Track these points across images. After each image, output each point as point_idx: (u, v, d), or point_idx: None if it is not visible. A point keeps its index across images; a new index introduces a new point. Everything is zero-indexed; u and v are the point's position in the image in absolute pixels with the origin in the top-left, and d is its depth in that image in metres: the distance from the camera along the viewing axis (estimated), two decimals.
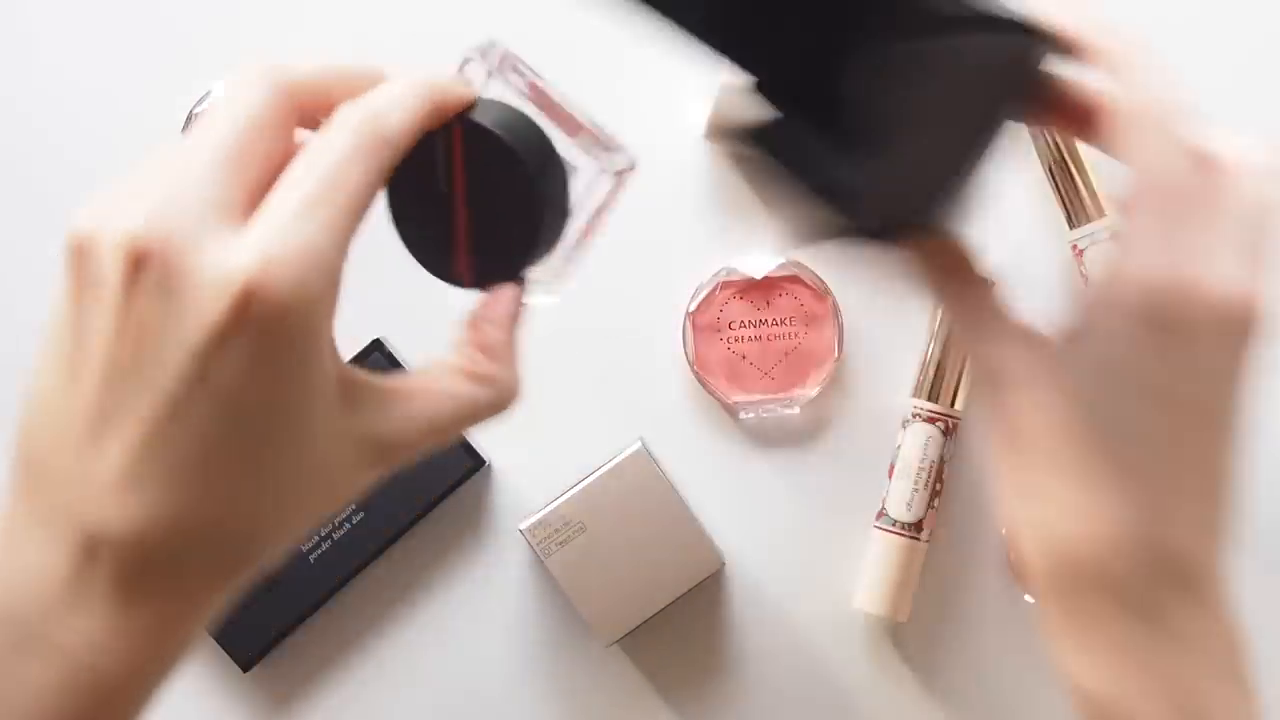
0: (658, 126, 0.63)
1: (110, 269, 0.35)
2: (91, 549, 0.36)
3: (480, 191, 0.45)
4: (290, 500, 0.38)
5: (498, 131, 0.44)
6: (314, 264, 0.35)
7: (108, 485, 0.35)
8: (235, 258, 0.34)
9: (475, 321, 0.44)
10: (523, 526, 0.59)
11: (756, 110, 0.37)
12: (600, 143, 0.48)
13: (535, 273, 0.44)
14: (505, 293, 0.45)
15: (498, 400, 0.44)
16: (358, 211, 0.37)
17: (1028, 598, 0.62)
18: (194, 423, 0.35)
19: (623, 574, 0.59)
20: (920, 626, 0.64)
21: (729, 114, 0.60)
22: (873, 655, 0.64)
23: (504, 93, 0.47)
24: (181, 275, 0.35)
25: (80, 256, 0.36)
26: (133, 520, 0.35)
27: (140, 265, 0.35)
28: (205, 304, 0.34)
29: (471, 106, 0.43)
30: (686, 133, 0.63)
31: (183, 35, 0.64)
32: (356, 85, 0.40)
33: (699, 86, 0.63)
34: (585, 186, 0.47)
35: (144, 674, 0.37)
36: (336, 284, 0.37)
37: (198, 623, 0.38)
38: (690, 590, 0.59)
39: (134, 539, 0.35)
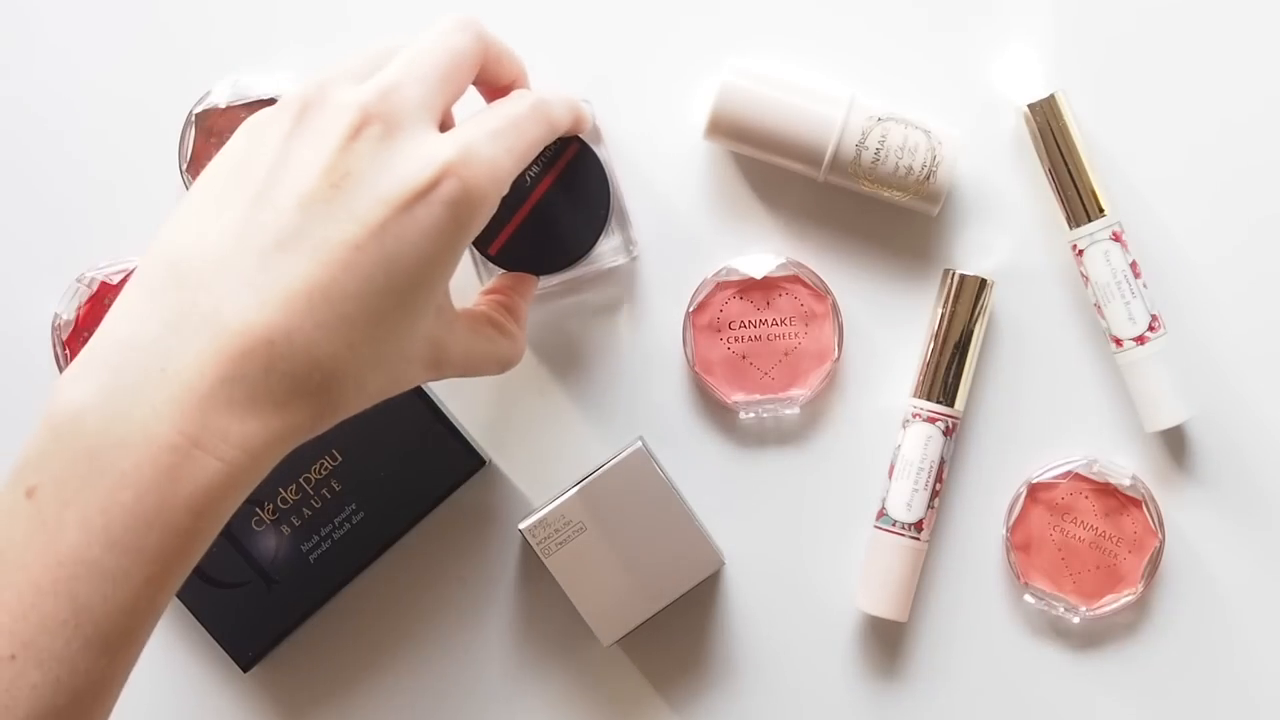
0: (658, 126, 0.63)
1: (339, 120, 0.42)
2: (226, 343, 0.39)
3: (556, 198, 0.57)
4: (387, 365, 0.44)
5: (606, 170, 0.58)
6: (493, 171, 0.44)
7: (265, 295, 0.40)
8: (442, 143, 0.43)
9: (503, 288, 0.55)
10: (523, 526, 0.59)
11: None
12: (629, 231, 0.60)
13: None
14: (529, 276, 0.56)
15: (512, 356, 0.52)
16: (524, 156, 0.47)
17: (1028, 598, 0.62)
18: (362, 263, 0.40)
19: (623, 574, 0.59)
20: (920, 626, 0.64)
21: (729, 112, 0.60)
22: (873, 655, 0.64)
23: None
24: (398, 141, 0.42)
25: (307, 107, 0.42)
26: (273, 327, 0.39)
27: (367, 122, 0.42)
28: (410, 166, 0.42)
29: (595, 136, 0.58)
30: (686, 133, 0.63)
31: (183, 35, 0.64)
32: (516, 65, 0.51)
33: (699, 86, 0.63)
34: (610, 250, 0.60)
35: (237, 486, 0.40)
36: (500, 197, 0.45)
37: (274, 459, 0.42)
38: (690, 590, 0.59)
39: (266, 344, 0.39)
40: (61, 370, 0.62)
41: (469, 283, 0.61)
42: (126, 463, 0.39)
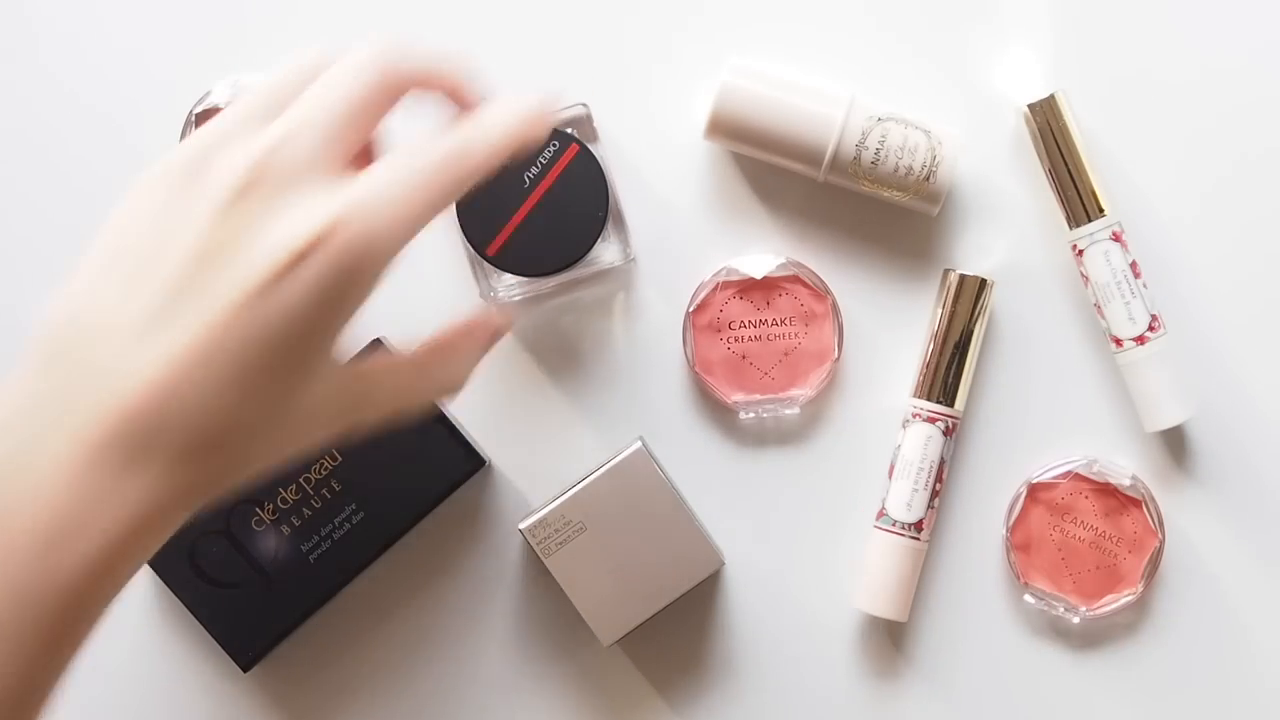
0: (658, 126, 0.63)
1: (225, 180, 0.40)
2: (113, 404, 0.39)
3: (554, 199, 0.58)
4: (286, 424, 0.42)
5: (604, 172, 0.58)
6: (385, 228, 0.41)
7: (150, 356, 0.39)
8: (329, 200, 0.40)
9: (456, 329, 0.49)
10: (523, 526, 0.59)
11: None
12: (627, 232, 0.60)
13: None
14: (490, 323, 0.50)
15: (432, 390, 0.49)
16: (432, 206, 0.42)
17: (1028, 598, 0.62)
18: (242, 326, 0.39)
19: (623, 573, 0.59)
20: (920, 626, 0.64)
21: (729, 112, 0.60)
22: (873, 655, 0.64)
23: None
24: (282, 201, 0.40)
25: (191, 171, 0.41)
26: (158, 386, 0.39)
27: (253, 185, 0.40)
28: (289, 229, 0.40)
29: (593, 137, 0.58)
30: (686, 133, 0.63)
31: (183, 35, 0.64)
32: (452, 77, 0.46)
33: (699, 86, 0.63)
34: (608, 251, 0.60)
35: (122, 551, 0.39)
36: (398, 252, 0.42)
37: (171, 524, 0.41)
38: (690, 590, 0.59)
39: (154, 403, 0.39)
40: None
41: (469, 284, 0.61)
42: (4, 534, 0.38)
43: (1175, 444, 0.63)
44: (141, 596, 0.63)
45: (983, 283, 0.61)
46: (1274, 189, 0.64)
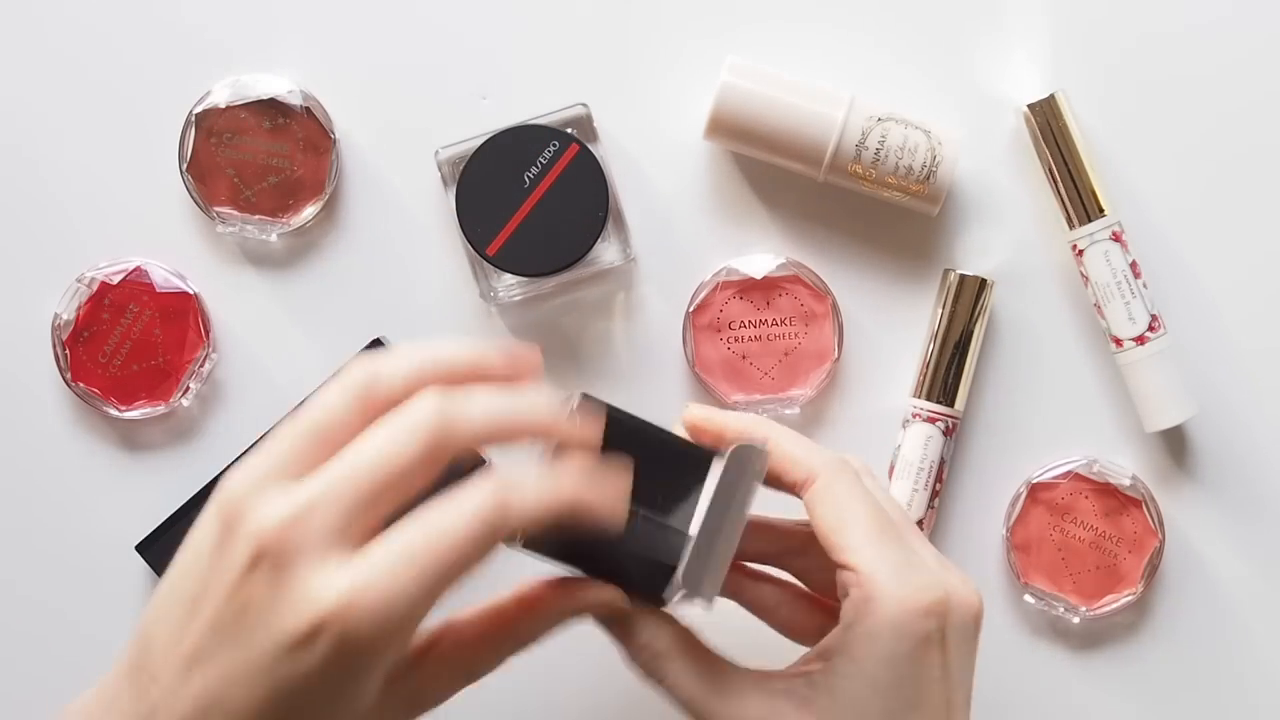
0: (658, 126, 0.63)
1: (240, 550, 0.41)
2: None
3: (554, 200, 0.58)
4: None
5: (604, 173, 0.58)
6: (391, 612, 0.40)
7: (185, 704, 0.42)
8: (330, 585, 0.40)
9: (492, 613, 0.49)
10: None
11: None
12: (627, 232, 0.60)
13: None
14: (543, 600, 0.50)
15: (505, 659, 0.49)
16: (455, 576, 0.42)
17: (1028, 598, 0.62)
18: (254, 692, 0.41)
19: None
20: None
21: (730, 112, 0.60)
22: None
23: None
24: (287, 582, 0.41)
25: (225, 525, 0.42)
26: None
27: (259, 560, 0.41)
28: (294, 612, 0.41)
29: (593, 137, 0.59)
30: (686, 133, 0.63)
31: (183, 35, 0.64)
32: (452, 375, 0.44)
33: (699, 86, 0.63)
34: (608, 251, 0.60)
35: None
36: (411, 629, 0.42)
37: None
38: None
39: None
40: (61, 370, 0.62)
41: (469, 285, 0.61)
42: None
43: (1175, 444, 0.63)
44: (141, 596, 0.63)
45: (983, 283, 0.61)
46: (1274, 189, 0.64)
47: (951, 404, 0.61)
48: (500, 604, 0.49)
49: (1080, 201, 0.61)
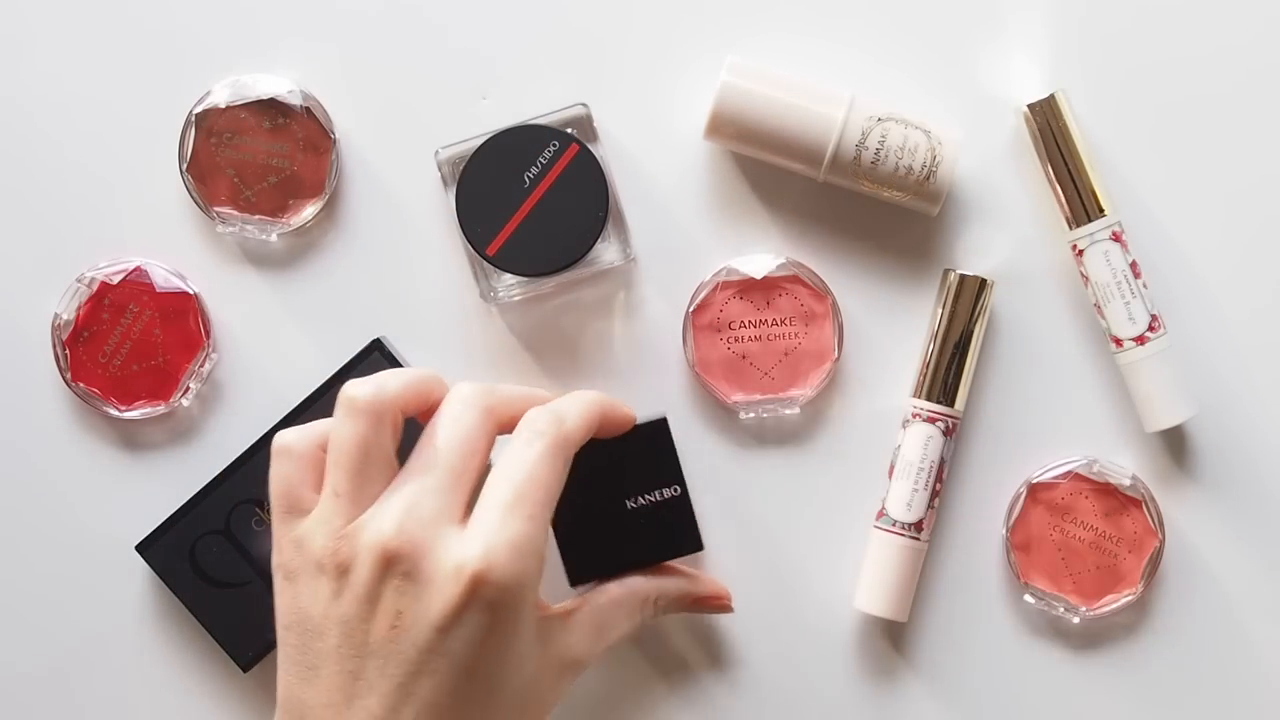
0: (657, 126, 0.63)
1: (366, 569, 0.46)
2: None
3: (553, 201, 0.58)
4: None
5: (604, 172, 0.58)
6: (522, 550, 0.46)
7: None
8: (463, 552, 0.46)
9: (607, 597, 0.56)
10: None
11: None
12: (627, 232, 0.60)
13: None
14: (626, 594, 0.57)
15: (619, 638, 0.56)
16: (550, 500, 0.48)
17: (1028, 598, 0.62)
18: (436, 681, 0.45)
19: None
20: (920, 626, 0.64)
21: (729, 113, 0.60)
22: (873, 655, 0.64)
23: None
24: (424, 569, 0.46)
25: (341, 565, 0.46)
26: None
27: (391, 563, 0.46)
28: (444, 589, 0.45)
29: (593, 137, 0.59)
30: (686, 133, 0.63)
31: (182, 35, 0.64)
32: (543, 401, 0.52)
33: (699, 86, 0.63)
34: (608, 251, 0.60)
35: None
36: (542, 559, 0.48)
37: None
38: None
39: None
40: (61, 370, 0.62)
41: (469, 285, 0.61)
42: None
43: (1175, 444, 0.63)
44: (141, 596, 0.63)
45: (983, 283, 0.61)
46: (1274, 188, 0.64)
47: (951, 404, 0.61)
48: (630, 577, 0.57)
49: (1080, 201, 0.61)
